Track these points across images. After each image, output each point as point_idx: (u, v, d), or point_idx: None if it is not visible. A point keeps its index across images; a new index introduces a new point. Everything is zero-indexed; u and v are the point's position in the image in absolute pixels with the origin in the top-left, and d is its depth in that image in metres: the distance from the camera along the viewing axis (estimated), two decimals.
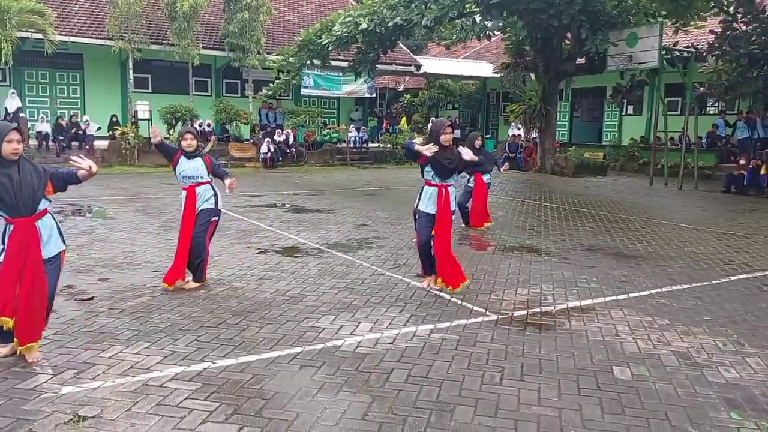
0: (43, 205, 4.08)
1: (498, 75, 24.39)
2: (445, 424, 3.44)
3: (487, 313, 5.48)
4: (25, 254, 3.95)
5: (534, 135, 22.36)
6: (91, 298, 5.54)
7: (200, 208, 6.04)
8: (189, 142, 6.05)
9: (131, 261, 7.04)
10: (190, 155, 6.07)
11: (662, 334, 4.99)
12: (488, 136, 30.68)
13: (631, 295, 6.16)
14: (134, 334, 4.67)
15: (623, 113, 24.73)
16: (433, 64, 30.64)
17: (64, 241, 4.28)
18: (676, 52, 17.44)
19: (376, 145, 25.15)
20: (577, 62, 19.66)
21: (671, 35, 17.89)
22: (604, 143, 25.16)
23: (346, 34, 16.56)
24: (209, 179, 6.17)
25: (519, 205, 13.12)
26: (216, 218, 6.19)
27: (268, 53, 21.17)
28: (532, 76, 21.49)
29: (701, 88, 17.55)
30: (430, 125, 6.36)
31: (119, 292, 5.79)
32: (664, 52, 16.76)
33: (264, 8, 21.02)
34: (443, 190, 5.88)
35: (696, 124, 17.39)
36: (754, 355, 4.60)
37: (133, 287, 5.95)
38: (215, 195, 6.19)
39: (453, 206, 5.99)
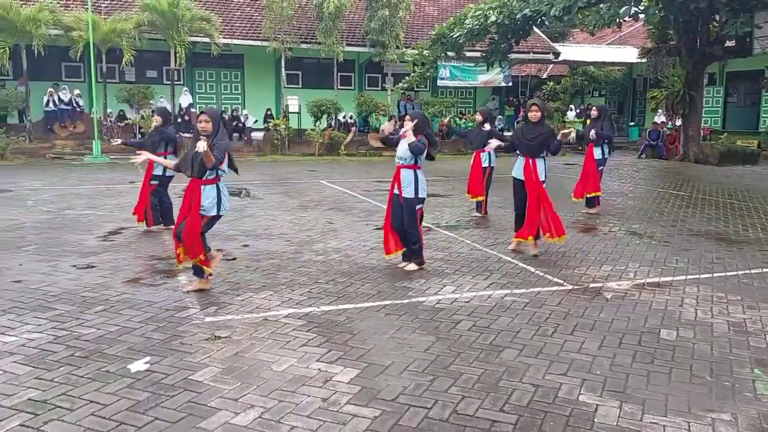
0: (211, 175, 5.38)
1: (641, 60, 23.66)
2: (490, 360, 4.20)
3: (564, 283, 6.07)
4: (190, 204, 5.38)
5: (678, 122, 21.52)
6: (234, 258, 6.87)
7: (403, 195, 6.32)
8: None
9: (269, 233, 8.36)
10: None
11: (726, 308, 5.32)
12: (633, 123, 29.71)
13: (716, 274, 6.41)
14: (262, 286, 5.87)
15: None
16: (575, 50, 30.11)
17: (217, 210, 5.51)
18: None
19: (511, 133, 25.39)
20: (726, 45, 18.71)
21: None
22: (761, 130, 23.49)
23: (477, 26, 17.16)
24: (413, 164, 6.29)
25: (644, 192, 13.10)
26: (419, 205, 6.40)
27: (406, 47, 22.26)
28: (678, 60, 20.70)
29: None
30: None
31: (256, 255, 7.07)
32: None
33: (403, 4, 22.12)
34: (530, 160, 7.00)
35: None
36: None
37: (267, 252, 7.21)
38: (415, 182, 6.29)
39: (542, 177, 7.04)
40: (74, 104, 20.43)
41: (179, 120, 20.45)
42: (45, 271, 6.28)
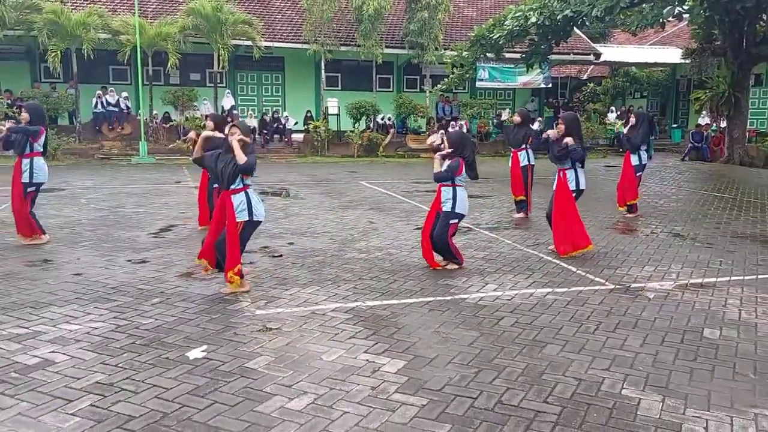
0: (239, 185, 5.46)
1: (685, 61, 23.27)
2: (533, 355, 4.30)
3: (606, 283, 6.12)
4: (221, 217, 5.50)
5: (723, 124, 21.11)
6: (281, 255, 7.09)
7: (442, 209, 6.52)
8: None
9: (313, 231, 8.57)
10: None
11: None
12: (675, 125, 29.20)
13: (760, 276, 6.37)
14: (309, 281, 6.06)
15: None
16: (616, 51, 29.76)
17: (249, 215, 5.49)
18: None
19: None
20: None
21: None
22: None
23: (517, 28, 17.16)
24: (452, 183, 6.44)
25: (688, 194, 12.95)
26: (455, 221, 6.53)
27: (445, 49, 22.33)
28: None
29: None
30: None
31: (301, 252, 7.28)
32: None
33: (442, 6, 22.21)
34: (561, 172, 7.21)
35: None
36: None
37: (312, 249, 7.41)
38: (453, 198, 6.45)
39: (572, 186, 7.14)
40: (121, 106, 21.07)
41: None
42: (102, 265, 6.59)
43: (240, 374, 3.92)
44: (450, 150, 6.41)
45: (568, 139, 6.97)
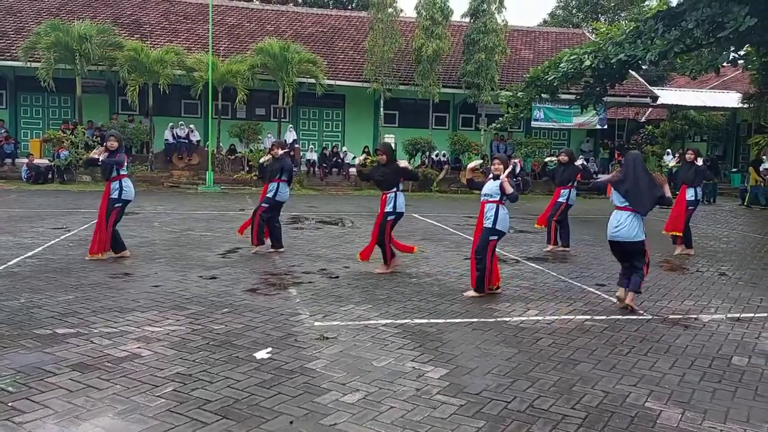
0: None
1: (744, 106, 23.15)
2: (566, 371, 4.67)
3: (644, 314, 6.41)
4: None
5: None
6: (337, 277, 7.65)
7: (483, 225, 6.98)
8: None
9: None
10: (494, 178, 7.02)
11: None
12: (735, 170, 28.75)
13: None
14: (362, 300, 6.58)
15: None
16: (674, 95, 29.75)
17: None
18: None
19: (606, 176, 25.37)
20: None
21: None
22: None
23: (572, 70, 17.57)
24: (497, 199, 6.84)
25: (739, 237, 12.94)
26: (494, 237, 6.87)
27: (501, 89, 22.88)
28: None
29: None
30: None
31: (356, 274, 7.82)
32: None
33: (499, 48, 22.88)
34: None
35: None
36: None
37: (366, 273, 7.95)
38: (495, 215, 6.85)
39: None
40: (190, 138, 22.35)
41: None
42: (177, 279, 7.28)
43: (300, 372, 4.44)
44: (509, 170, 6.93)
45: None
